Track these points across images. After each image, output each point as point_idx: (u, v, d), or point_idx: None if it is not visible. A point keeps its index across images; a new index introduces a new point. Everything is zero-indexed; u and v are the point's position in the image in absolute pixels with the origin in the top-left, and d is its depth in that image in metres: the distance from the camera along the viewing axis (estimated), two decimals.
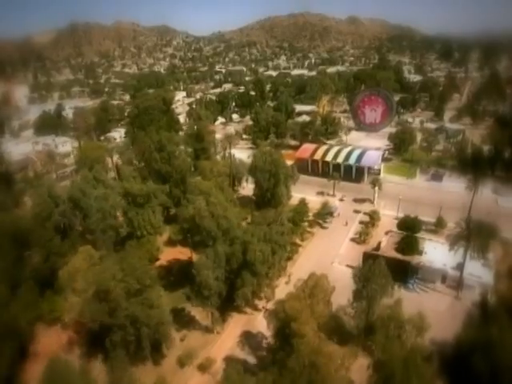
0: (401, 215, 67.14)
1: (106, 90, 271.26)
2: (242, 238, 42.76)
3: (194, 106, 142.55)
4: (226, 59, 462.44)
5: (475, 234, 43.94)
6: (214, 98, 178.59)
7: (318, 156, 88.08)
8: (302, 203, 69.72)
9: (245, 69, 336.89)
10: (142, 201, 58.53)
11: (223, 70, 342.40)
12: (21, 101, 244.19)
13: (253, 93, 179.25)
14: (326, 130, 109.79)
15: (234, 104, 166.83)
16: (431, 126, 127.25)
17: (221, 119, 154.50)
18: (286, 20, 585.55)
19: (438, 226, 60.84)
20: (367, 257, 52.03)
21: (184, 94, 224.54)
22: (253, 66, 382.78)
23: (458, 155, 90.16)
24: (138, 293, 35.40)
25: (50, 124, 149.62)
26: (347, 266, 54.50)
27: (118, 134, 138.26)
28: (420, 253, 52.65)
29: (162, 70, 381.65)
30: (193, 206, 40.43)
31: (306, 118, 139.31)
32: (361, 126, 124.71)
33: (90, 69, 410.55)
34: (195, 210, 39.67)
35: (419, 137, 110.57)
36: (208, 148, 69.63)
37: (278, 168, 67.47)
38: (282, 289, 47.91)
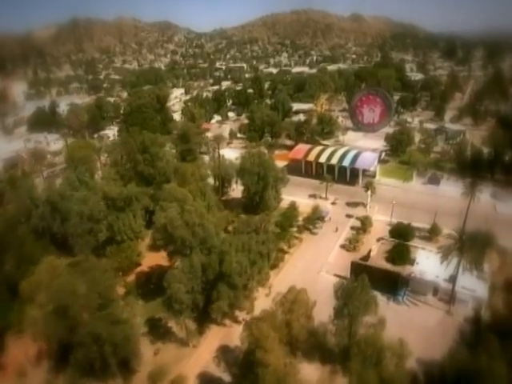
0: (394, 220, 64.52)
1: (105, 86, 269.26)
2: (219, 248, 40.21)
3: (189, 104, 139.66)
4: (228, 56, 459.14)
5: (469, 246, 41.14)
6: (211, 95, 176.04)
7: (311, 157, 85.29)
8: (292, 207, 67.04)
9: (245, 66, 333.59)
10: (122, 204, 56.13)
11: (223, 67, 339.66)
12: (18, 97, 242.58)
13: (251, 90, 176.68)
14: (322, 129, 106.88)
15: (231, 102, 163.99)
16: (431, 126, 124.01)
17: (217, 117, 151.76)
18: (289, 17, 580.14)
19: (433, 233, 58.04)
20: (355, 266, 49.50)
21: (182, 90, 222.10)
22: (254, 62, 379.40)
23: (456, 157, 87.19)
24: (102, 308, 32.96)
25: (44, 121, 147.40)
26: (335, 275, 51.94)
27: (112, 132, 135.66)
28: (412, 262, 49.93)
29: (162, 67, 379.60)
30: (164, 214, 37.91)
31: (303, 117, 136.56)
32: (359, 125, 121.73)
33: (90, 65, 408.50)
34: (167, 219, 37.16)
35: (418, 137, 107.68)
36: (194, 149, 66.86)
37: (267, 170, 64.86)
38: (263, 301, 45.37)
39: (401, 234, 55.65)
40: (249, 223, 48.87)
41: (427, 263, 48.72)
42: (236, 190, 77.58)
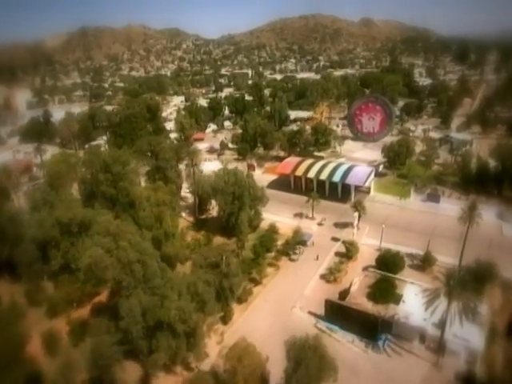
0: (385, 245, 57.73)
1: (108, 93, 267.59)
2: (161, 290, 34.36)
3: (181, 113, 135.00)
4: (235, 62, 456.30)
5: (461, 288, 34.33)
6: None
7: (300, 172, 78.96)
8: (271, 230, 60.99)
9: (250, 72, 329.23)
10: (78, 229, 50.87)
11: (228, 74, 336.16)
12: (20, 105, 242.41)
13: (250, 98, 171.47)
14: (317, 140, 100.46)
15: (228, 110, 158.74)
16: (436, 135, 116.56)
17: (213, 126, 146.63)
18: (297, 22, 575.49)
19: (426, 262, 51.04)
20: (330, 305, 43.02)
21: (183, 98, 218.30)
22: (260, 68, 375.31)
23: (460, 171, 79.72)
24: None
25: (37, 131, 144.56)
26: (309, 312, 45.53)
27: (104, 143, 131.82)
28: (397, 301, 43.15)
29: (168, 74, 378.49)
30: (89, 253, 32.33)
31: (300, 125, 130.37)
32: (358, 135, 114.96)
33: (97, 72, 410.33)
34: (91, 258, 31.57)
35: (420, 148, 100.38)
36: (164, 167, 61.26)
37: (243, 189, 58.91)
38: (214, 347, 39.18)
39: (388, 264, 48.87)
40: (208, 255, 42.89)
41: (415, 302, 41.79)
42: (216, 209, 71.81)
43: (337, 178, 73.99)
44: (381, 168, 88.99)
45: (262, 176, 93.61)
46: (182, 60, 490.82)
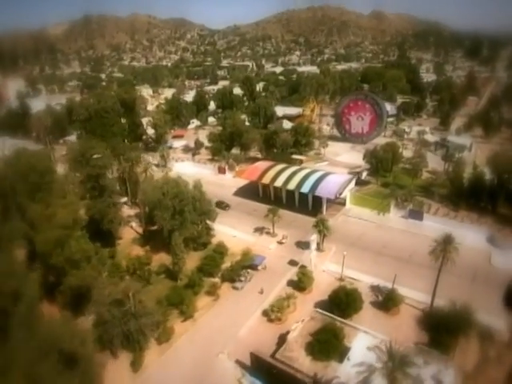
0: (350, 273, 49.09)
1: (104, 84, 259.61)
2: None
3: (159, 108, 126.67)
4: (238, 53, 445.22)
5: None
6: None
7: (267, 179, 70.07)
8: (219, 249, 52.60)
9: (251, 64, 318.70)
10: None
11: (228, 65, 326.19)
12: (10, 96, 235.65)
13: (240, 92, 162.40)
14: (298, 141, 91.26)
15: (215, 105, 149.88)
16: (432, 137, 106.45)
17: (197, 122, 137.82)
18: (304, 13, 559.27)
19: (390, 301, 42.13)
20: (256, 360, 34.58)
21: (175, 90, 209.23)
22: (263, 61, 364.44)
23: (450, 182, 70.11)
24: None
25: (12, 123, 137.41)
26: (237, 361, 37.19)
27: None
28: (342, 356, 34.48)
29: (169, 64, 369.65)
30: None
31: (287, 123, 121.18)
32: (346, 136, 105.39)
33: (98, 62, 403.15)
34: None
35: (411, 153, 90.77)
36: (97, 174, 52.58)
37: (186, 203, 50.49)
38: None
39: (341, 304, 40.13)
40: (111, 292, 34.72)
41: (365, 358, 33.07)
42: None
43: (306, 188, 64.92)
44: (364, 175, 79.73)
45: (233, 180, 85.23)
46: (186, 51, 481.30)
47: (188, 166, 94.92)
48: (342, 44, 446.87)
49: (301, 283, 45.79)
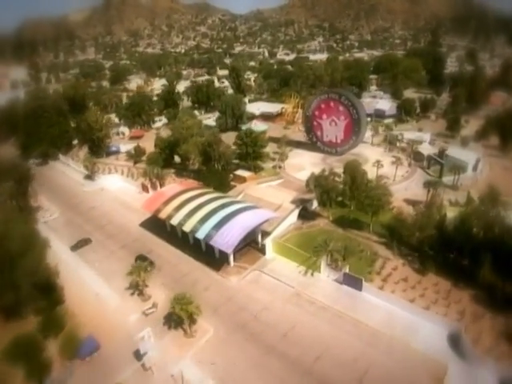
0: None
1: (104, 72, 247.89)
2: None
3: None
4: (258, 39, 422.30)
5: None
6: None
7: (165, 213, 52.34)
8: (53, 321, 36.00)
9: (262, 51, 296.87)
10: None
11: (243, 52, 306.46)
12: (6, 85, 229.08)
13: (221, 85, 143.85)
14: (247, 153, 72.24)
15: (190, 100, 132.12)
16: (431, 148, 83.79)
17: (165, 120, 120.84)
18: None
19: None
20: None
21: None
22: (280, 47, 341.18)
23: (419, 227, 49.09)
24: None
25: None
26: None
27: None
28: None
29: (182, 51, 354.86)
30: None
31: (259, 125, 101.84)
32: (317, 144, 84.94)
33: (113, 48, 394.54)
34: None
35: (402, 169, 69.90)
36: None
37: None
38: None
39: None
40: None
41: None
42: None
43: (202, 232, 46.53)
44: (315, 205, 60.13)
45: None
46: (205, 36, 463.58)
47: (115, 180, 78.64)
48: (370, 29, 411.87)
49: None
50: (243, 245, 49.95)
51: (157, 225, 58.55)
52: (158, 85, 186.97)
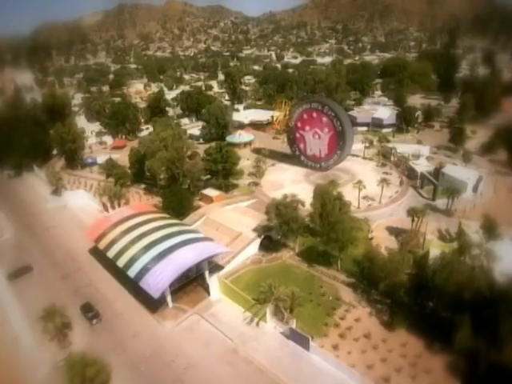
0: None
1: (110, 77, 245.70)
2: None
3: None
4: (269, 42, 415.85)
5: None
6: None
7: (104, 243, 46.18)
8: None
9: (270, 54, 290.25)
10: None
11: (250, 55, 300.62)
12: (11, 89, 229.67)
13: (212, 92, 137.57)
14: (217, 170, 65.43)
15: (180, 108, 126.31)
16: (427, 164, 75.09)
17: (151, 129, 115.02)
18: None
19: None
20: None
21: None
22: (290, 51, 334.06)
23: (388, 272, 41.00)
24: None
25: None
26: None
27: None
28: None
29: (191, 54, 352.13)
30: None
31: (244, 136, 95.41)
32: (301, 158, 77.51)
33: (123, 52, 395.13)
34: None
35: (393, 188, 61.65)
36: None
37: None
38: None
39: None
40: None
41: None
42: None
43: (134, 270, 40.03)
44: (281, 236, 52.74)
45: None
46: (216, 39, 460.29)
47: (81, 197, 73.09)
48: (384, 31, 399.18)
49: None
50: (187, 281, 43.49)
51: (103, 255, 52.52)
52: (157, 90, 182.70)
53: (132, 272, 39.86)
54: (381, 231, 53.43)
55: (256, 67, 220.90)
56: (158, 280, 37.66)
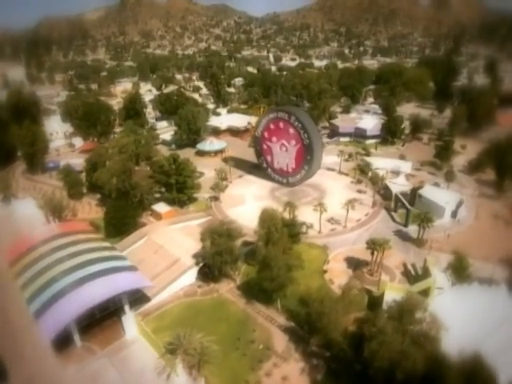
0: None
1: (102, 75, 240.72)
2: None
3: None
4: (271, 43, 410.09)
5: None
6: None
7: (17, 268, 40.20)
8: None
9: (268, 56, 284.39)
10: None
11: (246, 56, 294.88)
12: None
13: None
14: (168, 184, 59.55)
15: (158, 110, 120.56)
16: (402, 182, 68.73)
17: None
18: (350, 0, 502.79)
19: None
20: None
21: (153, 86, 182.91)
22: (290, 52, 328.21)
23: (329, 320, 34.83)
24: None
25: None
26: None
27: None
28: None
29: (191, 53, 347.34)
30: None
31: (215, 143, 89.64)
32: (268, 171, 71.46)
33: (122, 49, 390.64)
34: None
35: (364, 209, 55.38)
36: None
37: None
38: None
39: None
40: None
41: None
42: None
43: (35, 305, 34.17)
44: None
45: None
46: (218, 39, 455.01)
47: (28, 207, 67.29)
48: (387, 35, 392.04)
49: None
50: (105, 314, 37.75)
51: None
52: (145, 89, 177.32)
53: (33, 307, 34.07)
54: (338, 262, 47.27)
55: (250, 69, 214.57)
56: (57, 319, 31.88)
